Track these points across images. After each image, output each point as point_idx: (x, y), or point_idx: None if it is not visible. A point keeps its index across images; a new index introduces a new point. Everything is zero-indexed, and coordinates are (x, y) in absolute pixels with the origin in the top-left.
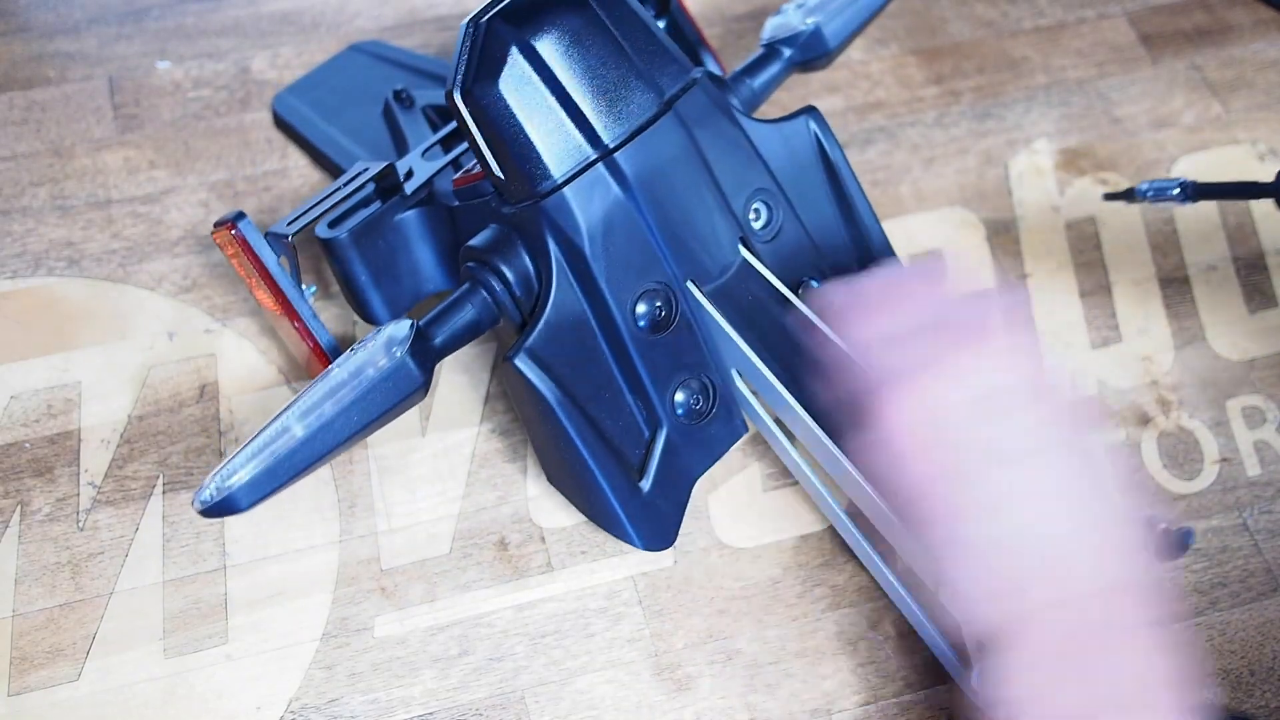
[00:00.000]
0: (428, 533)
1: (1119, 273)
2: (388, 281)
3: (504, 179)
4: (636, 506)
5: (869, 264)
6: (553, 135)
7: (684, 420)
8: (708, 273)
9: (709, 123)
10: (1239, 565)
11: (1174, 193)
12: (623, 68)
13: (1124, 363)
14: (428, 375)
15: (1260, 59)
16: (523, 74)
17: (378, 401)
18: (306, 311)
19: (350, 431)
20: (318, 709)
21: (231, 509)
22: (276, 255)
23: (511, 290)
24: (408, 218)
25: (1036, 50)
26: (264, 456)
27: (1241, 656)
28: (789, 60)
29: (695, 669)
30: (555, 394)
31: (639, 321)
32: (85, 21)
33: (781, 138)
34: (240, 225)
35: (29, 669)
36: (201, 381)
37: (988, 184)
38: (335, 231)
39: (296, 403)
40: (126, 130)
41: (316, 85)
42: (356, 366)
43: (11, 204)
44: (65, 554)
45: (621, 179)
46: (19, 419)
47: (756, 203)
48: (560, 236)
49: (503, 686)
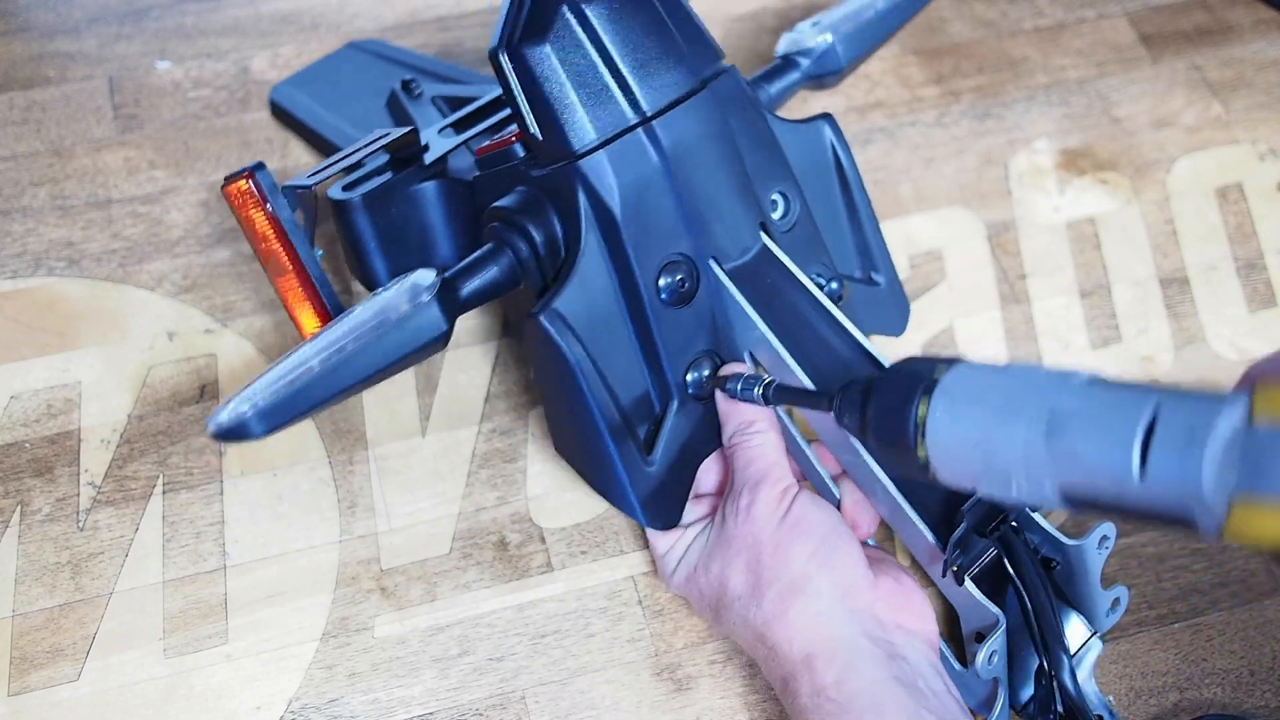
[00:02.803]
0: (428, 533)
1: (1119, 273)
2: (395, 250)
3: (540, 140)
4: (643, 481)
5: (869, 272)
6: (595, 97)
7: (694, 398)
8: (728, 253)
9: (739, 109)
10: (1239, 565)
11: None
12: (665, 40)
13: (1124, 363)
14: (450, 324)
15: (1260, 59)
16: (572, 35)
17: (399, 344)
18: (316, 271)
19: (369, 371)
20: (318, 709)
21: (245, 435)
22: (292, 209)
23: (537, 252)
24: (423, 189)
25: (1036, 50)
26: (281, 386)
27: (1241, 656)
28: (804, 72)
29: (695, 669)
30: (576, 355)
31: (661, 293)
32: (85, 21)
33: (800, 138)
34: (258, 175)
35: (29, 669)
36: (201, 381)
37: (988, 184)
38: (349, 194)
39: (318, 337)
40: (126, 130)
41: (315, 78)
42: (380, 308)
43: (11, 204)
44: (65, 554)
45: (658, 147)
46: (19, 419)
47: (776, 193)
48: (593, 198)
49: (503, 686)
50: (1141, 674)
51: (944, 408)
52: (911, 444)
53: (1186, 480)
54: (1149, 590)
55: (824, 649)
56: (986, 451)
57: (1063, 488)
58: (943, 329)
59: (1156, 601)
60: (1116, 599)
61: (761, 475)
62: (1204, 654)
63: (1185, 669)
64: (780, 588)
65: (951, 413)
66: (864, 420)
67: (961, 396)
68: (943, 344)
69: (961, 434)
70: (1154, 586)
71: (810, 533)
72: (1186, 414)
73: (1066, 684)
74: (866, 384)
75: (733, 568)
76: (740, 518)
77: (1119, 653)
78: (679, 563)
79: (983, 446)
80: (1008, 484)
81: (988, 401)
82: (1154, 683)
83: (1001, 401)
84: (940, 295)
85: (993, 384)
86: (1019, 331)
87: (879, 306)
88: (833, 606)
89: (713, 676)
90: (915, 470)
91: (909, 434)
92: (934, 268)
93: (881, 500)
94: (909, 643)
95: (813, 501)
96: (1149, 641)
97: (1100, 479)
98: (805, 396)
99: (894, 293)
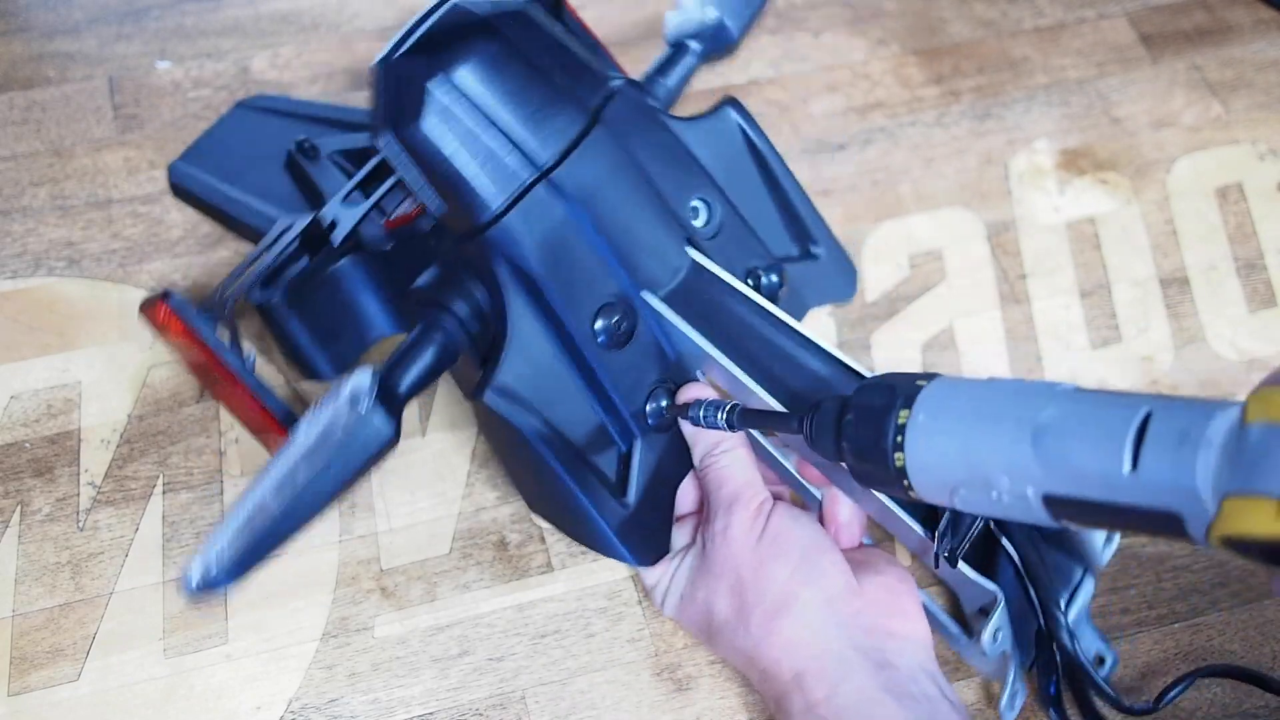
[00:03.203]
0: (428, 533)
1: (1119, 273)
2: (329, 336)
3: (445, 213)
4: (624, 524)
5: (806, 246)
6: (487, 164)
7: (657, 430)
8: (659, 279)
9: (637, 129)
10: (1239, 565)
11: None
12: (544, 86)
13: (1124, 363)
14: (397, 426)
15: (1260, 59)
16: (444, 108)
17: (350, 461)
18: (253, 383)
19: (327, 497)
20: (318, 709)
21: (216, 591)
22: (213, 326)
23: (466, 327)
24: (341, 268)
25: (1036, 50)
26: (243, 537)
27: (1241, 656)
28: (699, 54)
29: (695, 669)
30: (528, 423)
31: (599, 338)
32: (85, 21)
33: (707, 133)
34: (170, 302)
35: (29, 669)
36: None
37: (988, 184)
38: (268, 293)
39: (269, 474)
40: (126, 130)
41: (211, 149)
42: (323, 428)
43: (11, 204)
44: (65, 554)
45: (563, 196)
46: (19, 419)
47: (695, 201)
48: (510, 264)
49: (503, 686)
50: (1141, 674)
51: (925, 416)
52: (889, 454)
53: (1179, 476)
54: (1149, 590)
55: (813, 666)
56: (968, 460)
57: (1048, 494)
58: (943, 329)
59: (1156, 601)
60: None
61: (734, 496)
62: (1204, 654)
63: (1185, 669)
64: (765, 609)
65: (932, 421)
66: (838, 434)
67: (943, 406)
68: (943, 344)
69: (942, 442)
70: (1154, 586)
71: (789, 550)
72: (1180, 414)
73: (1065, 643)
74: (840, 400)
75: (716, 594)
76: (717, 542)
77: (1119, 652)
78: (668, 591)
79: (964, 455)
80: (988, 493)
81: (970, 410)
82: (1154, 683)
83: (985, 410)
84: (940, 295)
85: (975, 394)
86: (1019, 331)
87: (824, 277)
88: (819, 621)
89: (713, 676)
90: (890, 483)
91: (887, 444)
92: (934, 268)
93: (866, 500)
94: (900, 649)
95: (789, 515)
96: (1149, 641)
97: (1088, 480)
98: (773, 419)
99: (835, 259)
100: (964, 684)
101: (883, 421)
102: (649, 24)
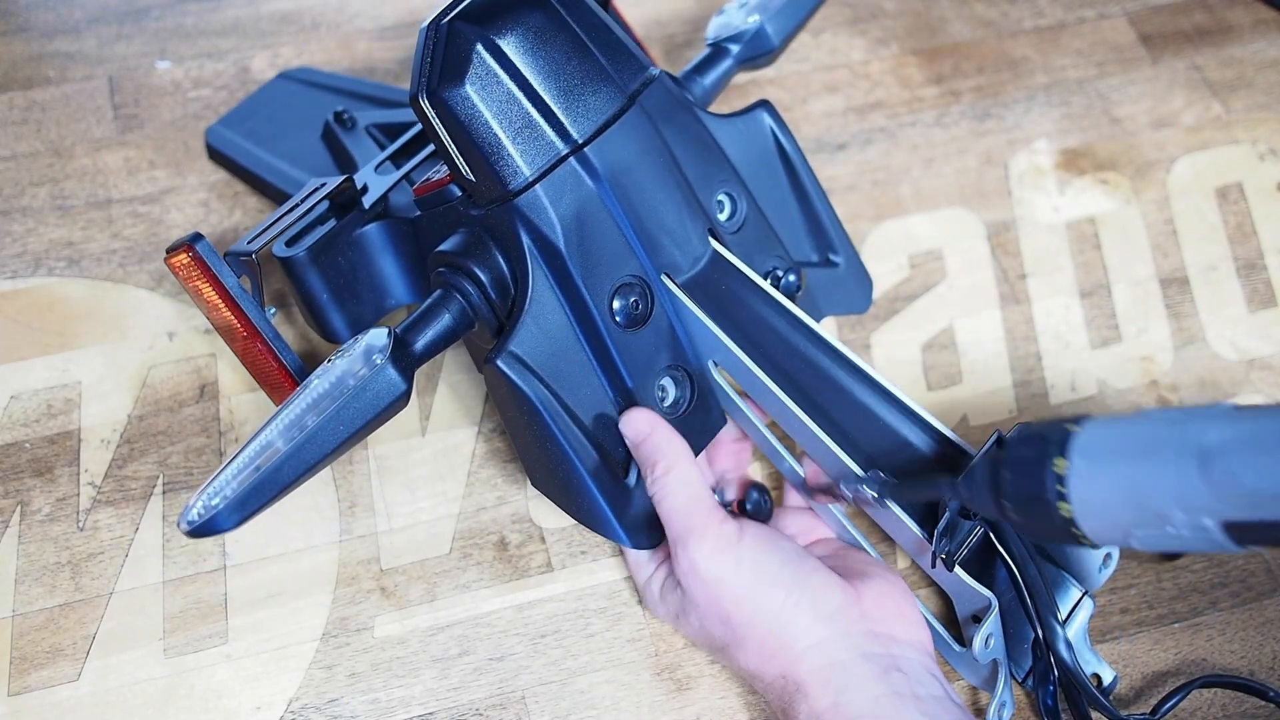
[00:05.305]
0: (428, 533)
1: (1119, 273)
2: (349, 298)
3: (474, 181)
4: (623, 504)
5: (826, 254)
6: (522, 133)
7: (664, 413)
8: (679, 265)
9: (671, 117)
10: (1239, 565)
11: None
12: (587, 63)
13: (1124, 363)
14: (409, 383)
15: (1260, 59)
16: (489, 73)
17: (361, 412)
18: (270, 333)
19: (335, 444)
20: (318, 709)
21: (217, 529)
22: (237, 276)
23: (486, 293)
24: (367, 232)
25: (1036, 50)
26: (248, 474)
27: (1241, 656)
28: (736, 58)
29: (695, 669)
30: (538, 393)
31: (616, 316)
32: (85, 21)
33: (739, 131)
34: (198, 247)
35: (29, 669)
36: (201, 381)
37: (988, 184)
38: (293, 249)
39: (279, 416)
40: (126, 130)
41: (249, 115)
42: (337, 377)
43: (11, 204)
44: (65, 554)
45: (593, 173)
46: (19, 419)
47: (721, 195)
48: (535, 234)
49: (503, 686)
50: (1141, 674)
51: (1084, 461)
52: (1053, 505)
53: None
54: (1149, 590)
55: (818, 677)
56: (1137, 499)
57: (1228, 520)
58: (943, 329)
59: (1156, 601)
60: (1108, 555)
61: (685, 529)
62: (1204, 654)
63: (1185, 669)
64: (761, 635)
65: (1092, 466)
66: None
67: (1099, 448)
68: (943, 344)
69: (1106, 486)
70: (1154, 586)
71: (776, 578)
72: None
73: (1062, 654)
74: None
75: (708, 622)
76: (690, 579)
77: (1119, 653)
78: (660, 593)
79: (1131, 495)
80: (1163, 528)
81: (1127, 447)
82: (1154, 683)
83: (1143, 444)
84: (940, 295)
85: (1129, 430)
86: (1019, 331)
87: (841, 287)
88: (822, 636)
89: (713, 676)
90: (1060, 534)
91: (1049, 495)
92: (934, 268)
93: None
94: (904, 653)
95: (763, 538)
96: (1149, 641)
97: (1267, 501)
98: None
99: (854, 270)
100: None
101: (1040, 473)
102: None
